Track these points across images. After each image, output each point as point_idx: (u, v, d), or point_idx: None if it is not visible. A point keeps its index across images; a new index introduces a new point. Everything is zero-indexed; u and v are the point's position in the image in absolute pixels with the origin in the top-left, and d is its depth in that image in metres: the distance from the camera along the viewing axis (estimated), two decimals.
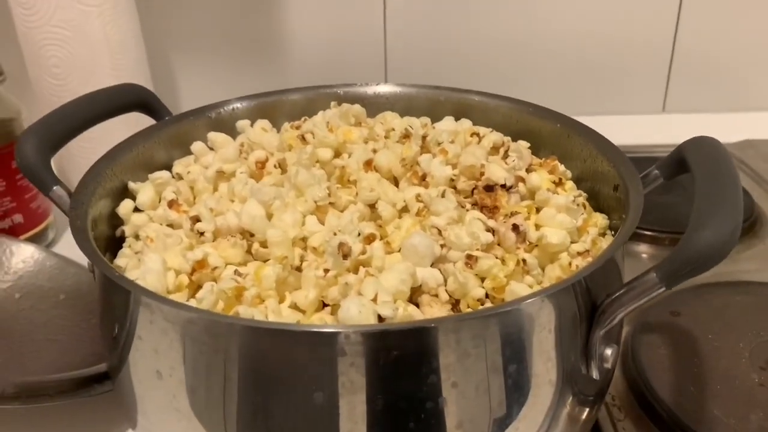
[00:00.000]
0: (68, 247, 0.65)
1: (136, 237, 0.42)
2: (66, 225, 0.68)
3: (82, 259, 0.55)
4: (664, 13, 0.86)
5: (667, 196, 0.59)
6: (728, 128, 0.83)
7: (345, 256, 0.35)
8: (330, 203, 0.40)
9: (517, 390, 0.32)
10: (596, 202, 0.43)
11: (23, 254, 0.57)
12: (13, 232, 0.62)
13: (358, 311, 0.31)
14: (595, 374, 0.34)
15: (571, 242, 0.38)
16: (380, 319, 0.31)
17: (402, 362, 0.29)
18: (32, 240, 0.63)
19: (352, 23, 0.84)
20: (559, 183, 0.41)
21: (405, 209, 0.40)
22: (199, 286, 0.37)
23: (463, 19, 0.85)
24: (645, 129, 0.86)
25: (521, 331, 0.31)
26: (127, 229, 0.43)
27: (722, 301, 0.53)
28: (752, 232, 0.64)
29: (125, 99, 0.48)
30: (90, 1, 0.62)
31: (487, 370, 0.31)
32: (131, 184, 0.44)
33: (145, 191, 0.43)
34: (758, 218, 0.66)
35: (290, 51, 0.86)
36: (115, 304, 0.34)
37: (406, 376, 0.30)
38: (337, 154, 0.45)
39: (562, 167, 0.43)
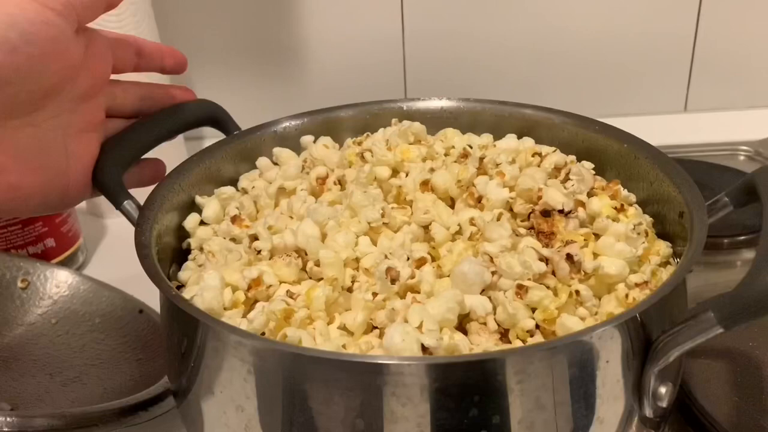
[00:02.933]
0: (98, 269, 0.65)
1: (201, 249, 0.44)
2: (95, 248, 0.69)
3: (115, 282, 0.56)
4: (685, 11, 0.83)
5: None
6: (752, 125, 0.81)
7: (393, 281, 0.35)
8: (384, 224, 0.40)
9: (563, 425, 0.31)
10: (662, 227, 0.41)
11: (57, 279, 0.56)
12: (45, 256, 0.62)
13: (402, 339, 0.31)
14: (648, 412, 0.33)
15: (631, 271, 0.37)
16: (424, 348, 0.31)
17: (446, 394, 0.29)
18: (63, 263, 0.63)
19: (370, 30, 0.84)
20: (621, 209, 0.39)
21: (459, 232, 0.40)
22: (256, 301, 0.38)
23: (480, 20, 0.84)
24: (667, 129, 0.83)
25: (572, 366, 0.31)
26: (193, 242, 0.44)
27: None
28: None
29: (197, 114, 0.49)
30: (110, 17, 0.62)
31: (531, 405, 0.30)
32: (198, 198, 0.46)
33: (210, 205, 0.45)
34: None
35: (309, 60, 0.86)
36: (181, 323, 0.36)
37: (449, 408, 0.30)
38: (396, 172, 0.45)
39: (624, 192, 0.41)
